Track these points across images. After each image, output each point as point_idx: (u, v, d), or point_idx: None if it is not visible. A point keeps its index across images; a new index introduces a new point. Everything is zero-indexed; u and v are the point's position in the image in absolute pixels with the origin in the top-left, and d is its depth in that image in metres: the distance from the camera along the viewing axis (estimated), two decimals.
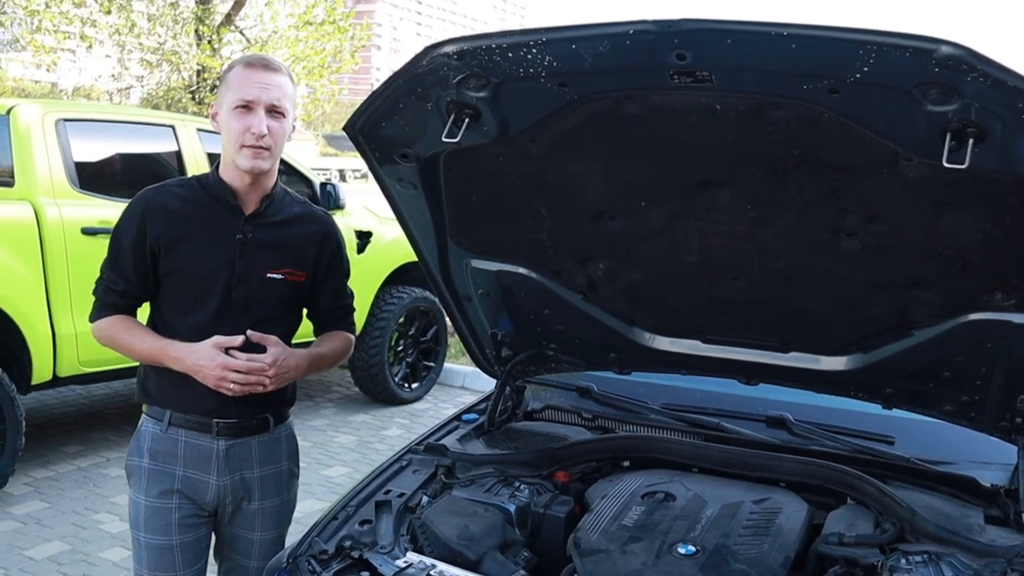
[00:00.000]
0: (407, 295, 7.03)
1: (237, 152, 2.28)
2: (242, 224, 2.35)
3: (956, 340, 2.24)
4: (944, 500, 2.33)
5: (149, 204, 2.34)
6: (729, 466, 2.52)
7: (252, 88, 2.25)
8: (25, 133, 5.16)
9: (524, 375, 3.01)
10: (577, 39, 1.82)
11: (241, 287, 2.34)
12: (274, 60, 2.36)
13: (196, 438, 2.38)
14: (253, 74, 2.26)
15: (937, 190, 1.91)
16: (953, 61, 1.59)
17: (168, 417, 2.38)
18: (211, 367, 2.25)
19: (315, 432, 6.44)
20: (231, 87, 2.28)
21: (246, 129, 2.25)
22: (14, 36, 14.62)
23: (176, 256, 2.32)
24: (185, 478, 2.38)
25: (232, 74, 2.29)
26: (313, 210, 2.54)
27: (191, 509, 2.40)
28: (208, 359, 2.25)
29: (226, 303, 2.33)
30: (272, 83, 2.27)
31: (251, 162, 2.28)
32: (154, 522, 2.38)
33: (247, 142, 2.26)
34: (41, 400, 6.68)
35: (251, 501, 2.47)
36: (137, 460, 2.42)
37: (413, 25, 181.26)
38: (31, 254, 4.96)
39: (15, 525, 4.70)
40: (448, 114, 2.07)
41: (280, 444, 2.54)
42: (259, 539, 2.51)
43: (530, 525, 2.32)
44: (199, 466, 2.39)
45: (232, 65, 2.33)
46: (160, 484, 2.38)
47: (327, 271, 2.52)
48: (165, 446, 2.39)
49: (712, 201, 2.17)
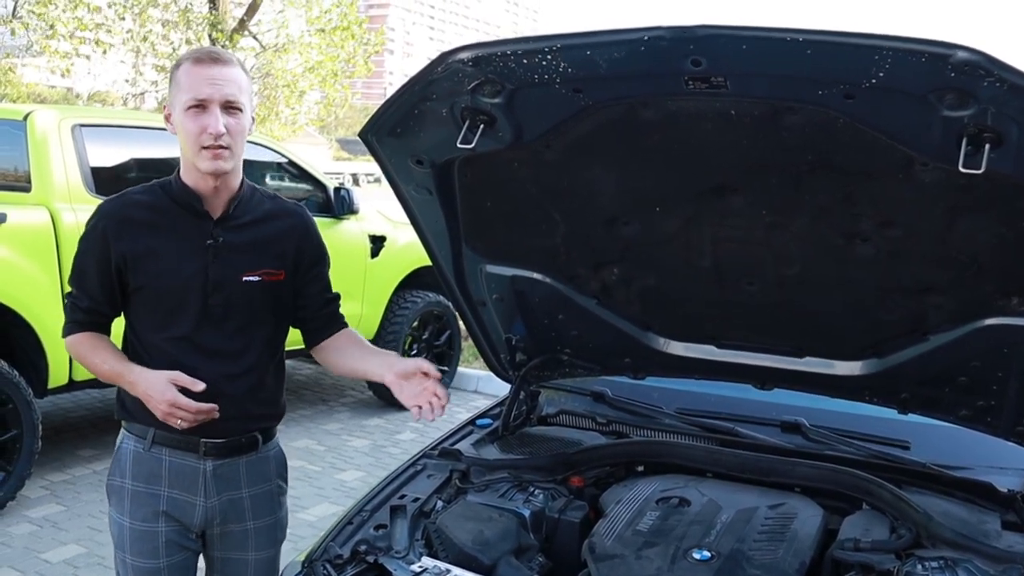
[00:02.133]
0: (421, 299, 7.04)
1: (196, 155, 2.15)
2: (211, 228, 2.23)
3: (972, 345, 2.23)
4: (960, 505, 2.32)
5: (110, 219, 2.22)
6: (744, 471, 2.51)
7: (203, 86, 2.11)
8: (42, 139, 5.19)
9: (538, 380, 3.01)
10: (592, 45, 1.82)
11: (218, 294, 2.22)
12: (224, 52, 2.22)
13: (181, 458, 2.26)
14: (203, 70, 2.12)
15: (952, 195, 1.90)
16: (969, 66, 1.58)
17: (151, 435, 2.26)
18: (159, 400, 2.11)
19: (329, 436, 6.46)
20: (181, 86, 2.13)
21: (202, 130, 2.12)
22: (30, 41, 14.72)
23: (144, 270, 2.21)
24: (171, 499, 2.27)
25: (181, 72, 2.15)
26: (284, 205, 2.39)
27: (178, 530, 2.29)
28: (158, 392, 2.11)
29: (204, 312, 2.22)
30: (224, 78, 2.13)
31: (212, 164, 2.14)
32: (140, 545, 2.27)
33: (205, 143, 2.12)
34: (57, 404, 6.72)
35: (242, 522, 2.35)
36: (119, 480, 2.31)
37: (426, 29, 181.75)
38: (48, 259, 4.99)
39: (31, 528, 4.73)
40: (463, 120, 2.07)
41: (269, 463, 2.41)
42: (254, 559, 2.40)
43: (544, 530, 2.32)
44: (185, 487, 2.27)
45: (180, 62, 2.18)
46: (145, 507, 2.27)
47: (310, 266, 2.39)
48: (148, 466, 2.27)
49: (726, 206, 2.17)
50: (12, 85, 18.10)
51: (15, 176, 5.36)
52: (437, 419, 2.21)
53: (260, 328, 2.31)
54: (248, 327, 2.28)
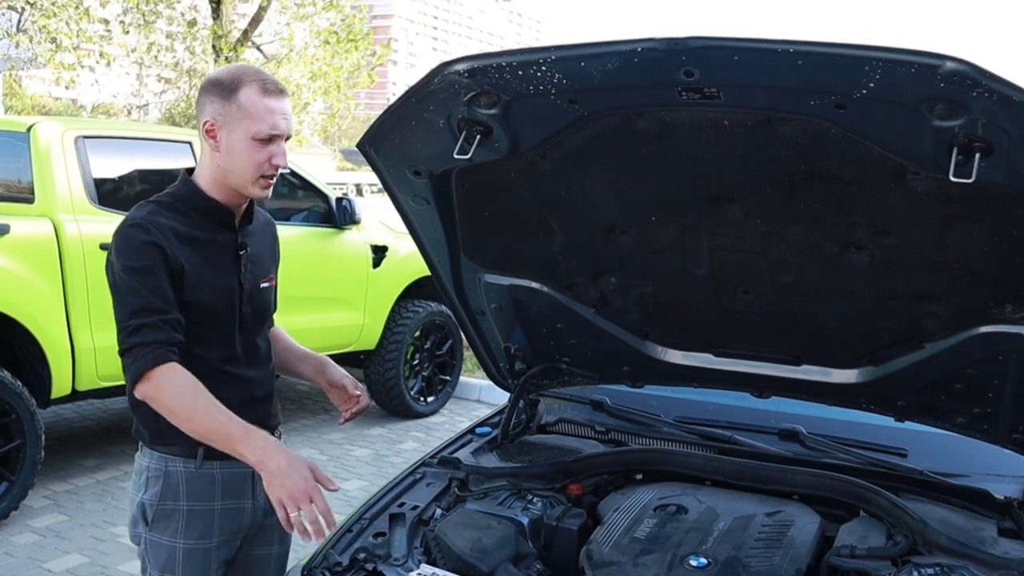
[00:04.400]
0: (423, 309, 7.06)
1: (253, 181, 2.18)
2: (236, 239, 2.28)
3: (967, 353, 2.25)
4: (957, 512, 2.33)
5: (163, 231, 2.13)
6: (742, 479, 2.52)
7: (278, 120, 2.15)
8: (45, 150, 5.22)
9: (538, 389, 3.02)
10: (586, 57, 1.85)
11: (248, 303, 2.30)
12: (281, 83, 2.24)
13: (231, 467, 2.24)
14: (275, 103, 2.15)
15: (945, 204, 1.92)
16: (958, 76, 1.60)
17: (201, 452, 2.22)
18: (298, 489, 1.97)
19: (331, 446, 6.47)
20: (249, 114, 2.13)
21: (268, 160, 2.16)
22: (34, 54, 14.79)
23: (191, 284, 2.16)
24: (223, 512, 2.30)
25: (247, 98, 2.13)
26: (265, 212, 2.48)
27: (229, 543, 2.32)
28: (301, 477, 1.99)
29: (241, 322, 2.28)
30: (289, 111, 2.19)
31: (265, 192, 2.22)
32: (193, 563, 2.26)
33: (266, 172, 2.18)
34: (60, 414, 6.74)
35: (268, 516, 2.38)
36: (173, 504, 2.25)
37: (429, 40, 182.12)
38: (51, 270, 5.02)
39: (35, 538, 4.74)
40: (460, 131, 2.10)
41: None
42: (276, 553, 2.48)
43: (543, 538, 2.33)
44: (236, 494, 2.31)
45: (241, 81, 2.14)
46: (200, 524, 2.27)
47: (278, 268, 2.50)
48: (203, 483, 2.26)
49: (722, 216, 2.18)
50: (17, 97, 18.19)
51: (19, 187, 5.39)
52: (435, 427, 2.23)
53: (265, 332, 2.44)
54: (263, 332, 2.42)
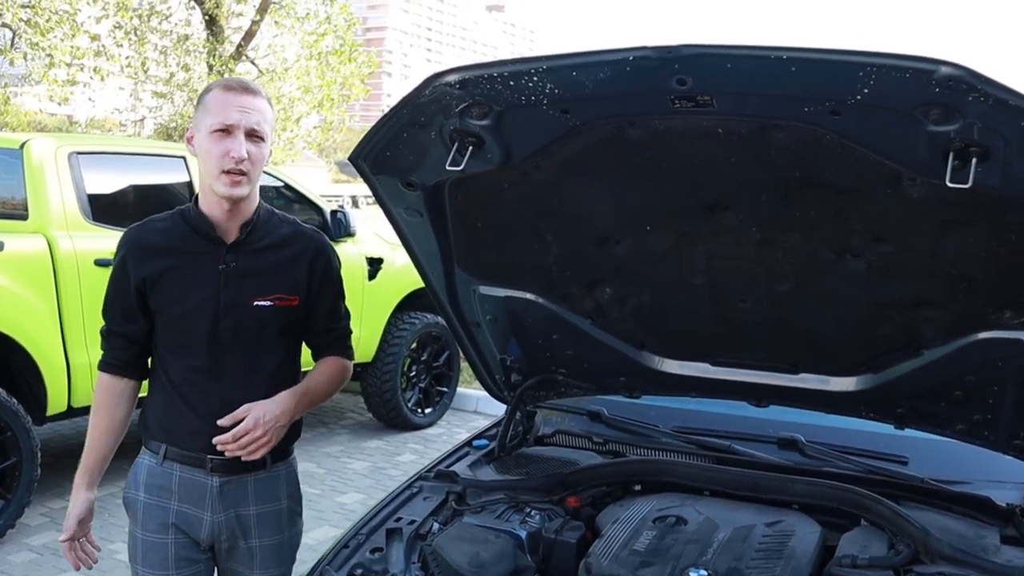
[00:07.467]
0: (419, 321, 7.04)
1: (215, 178, 2.21)
2: (224, 254, 2.29)
3: (966, 359, 2.23)
4: (959, 520, 2.31)
5: (130, 245, 2.32)
6: (741, 489, 2.50)
7: (232, 112, 2.18)
8: (39, 167, 5.20)
9: (534, 400, 3.00)
10: (577, 66, 1.83)
11: (228, 318, 2.27)
12: (253, 83, 2.30)
13: (191, 473, 2.32)
14: (233, 97, 2.20)
15: (941, 209, 1.91)
16: (953, 81, 1.59)
17: (164, 451, 2.34)
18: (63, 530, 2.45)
19: (329, 459, 6.44)
20: (209, 110, 2.20)
21: (225, 153, 2.18)
22: (28, 71, 14.80)
23: (160, 294, 2.29)
24: (179, 513, 2.34)
25: (210, 97, 2.22)
26: (302, 230, 2.44)
27: (187, 543, 2.35)
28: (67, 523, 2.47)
29: (215, 336, 2.28)
30: (252, 107, 2.21)
31: (229, 189, 2.21)
32: (152, 556, 2.35)
33: (226, 167, 2.19)
34: (56, 431, 6.69)
35: (248, 539, 2.38)
36: (134, 493, 2.40)
37: (423, 51, 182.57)
38: (45, 286, 5.00)
39: (32, 556, 4.71)
40: (452, 142, 2.09)
41: (279, 481, 2.42)
42: None
43: (541, 551, 2.31)
44: (193, 502, 2.33)
45: (210, 88, 2.26)
46: (156, 519, 2.35)
47: (319, 290, 2.40)
48: (160, 480, 2.35)
49: (718, 224, 2.17)
50: (12, 114, 18.20)
51: (12, 204, 5.36)
52: (433, 439, 2.24)
53: (270, 352, 2.35)
54: (258, 351, 2.33)
